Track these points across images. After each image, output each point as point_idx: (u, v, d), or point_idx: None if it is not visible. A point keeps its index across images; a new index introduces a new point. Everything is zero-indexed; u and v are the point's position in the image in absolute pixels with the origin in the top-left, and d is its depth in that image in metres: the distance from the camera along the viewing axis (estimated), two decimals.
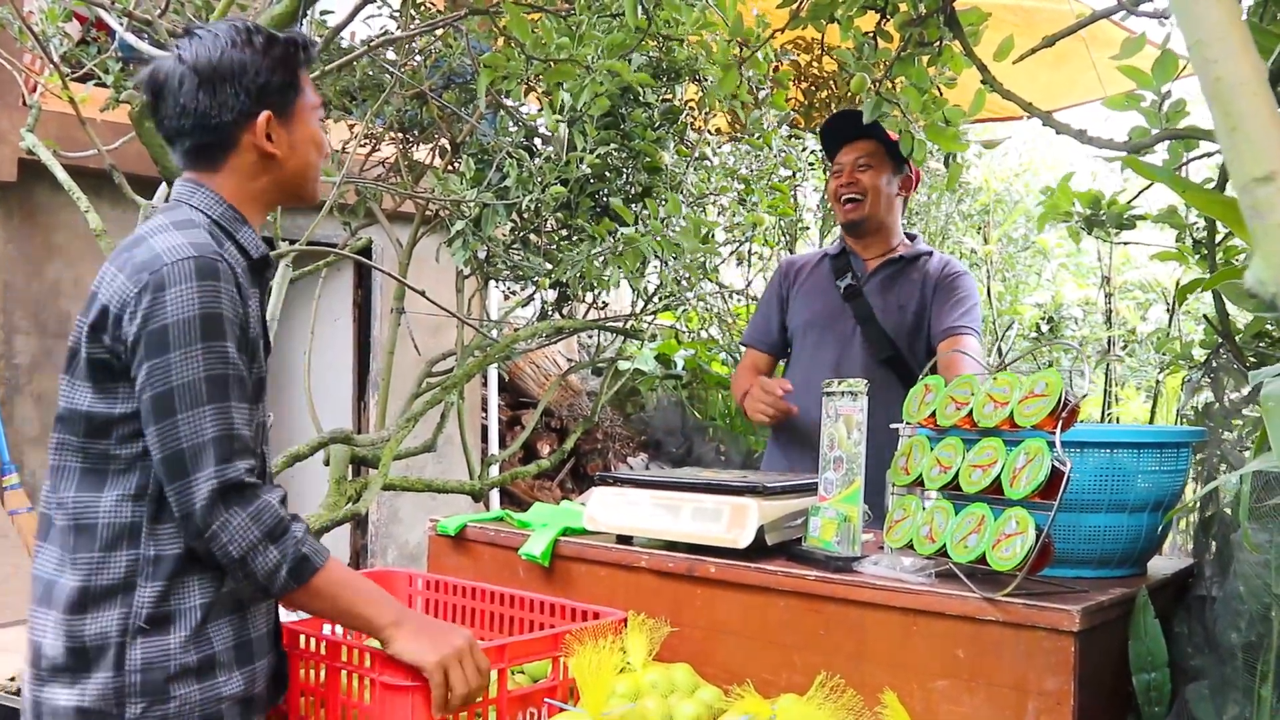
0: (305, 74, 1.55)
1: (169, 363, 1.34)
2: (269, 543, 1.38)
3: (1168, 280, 4.40)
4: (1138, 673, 1.51)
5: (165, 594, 1.39)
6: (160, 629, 1.39)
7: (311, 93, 1.56)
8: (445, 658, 1.44)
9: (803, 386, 2.61)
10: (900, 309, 2.61)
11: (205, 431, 1.35)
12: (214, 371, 1.36)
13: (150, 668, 1.38)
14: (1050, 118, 2.02)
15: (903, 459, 1.67)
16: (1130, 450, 1.60)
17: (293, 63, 1.51)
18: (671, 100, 3.26)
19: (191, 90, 1.45)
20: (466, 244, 3.03)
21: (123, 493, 1.40)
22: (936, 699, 1.48)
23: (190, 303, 1.35)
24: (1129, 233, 2.37)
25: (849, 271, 2.68)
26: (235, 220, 1.50)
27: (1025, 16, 4.24)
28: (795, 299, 2.76)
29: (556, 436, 5.98)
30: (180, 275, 1.35)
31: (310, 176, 1.57)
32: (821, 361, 2.63)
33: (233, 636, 1.45)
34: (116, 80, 3.02)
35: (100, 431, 1.41)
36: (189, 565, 1.41)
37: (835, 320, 2.66)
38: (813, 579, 1.61)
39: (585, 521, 1.92)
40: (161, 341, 1.34)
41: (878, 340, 2.58)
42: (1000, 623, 1.43)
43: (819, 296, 2.70)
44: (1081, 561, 1.62)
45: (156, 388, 1.35)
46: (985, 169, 6.08)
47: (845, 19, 2.20)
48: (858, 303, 2.63)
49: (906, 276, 2.65)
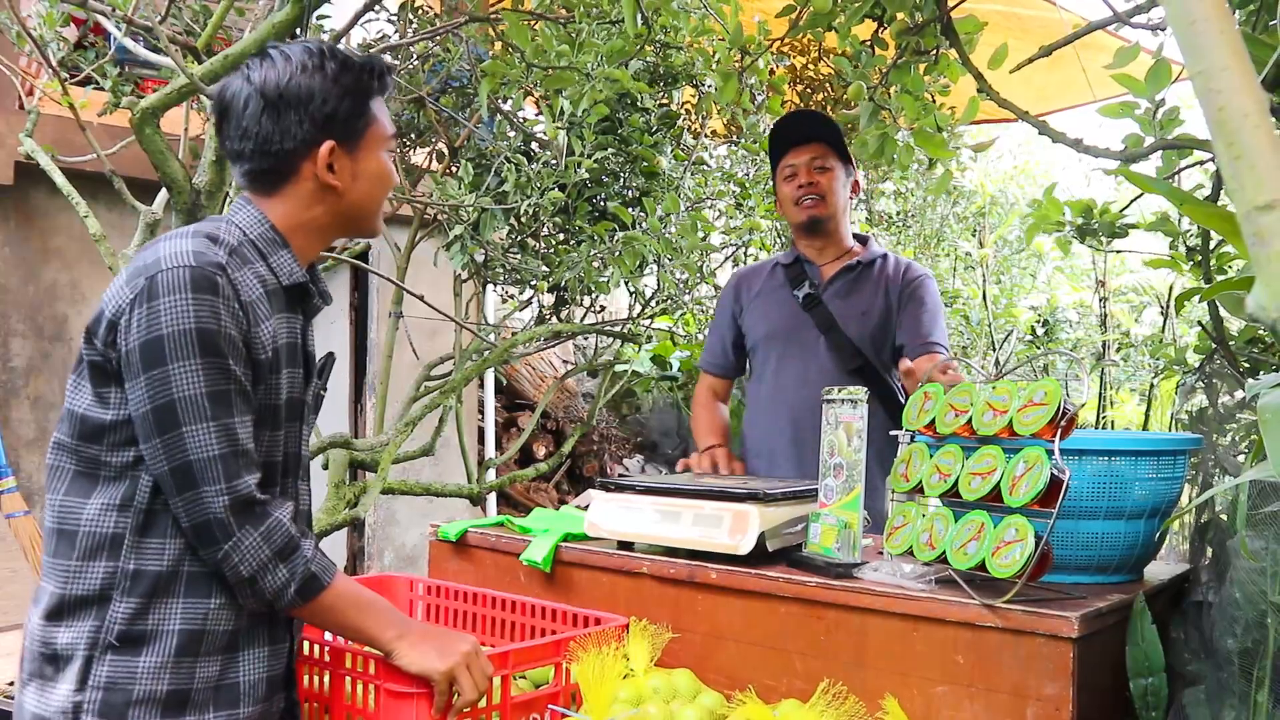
0: (379, 103, 1.50)
1: (168, 375, 1.31)
2: (279, 562, 1.37)
3: (1161, 285, 4.43)
4: (1135, 678, 1.52)
5: (141, 612, 1.34)
6: (131, 648, 1.34)
7: (384, 123, 1.50)
8: (452, 666, 1.44)
9: (769, 402, 2.56)
10: (863, 315, 2.52)
11: (212, 446, 1.32)
12: (217, 387, 1.33)
13: (113, 687, 1.33)
14: (1046, 126, 2.04)
15: (902, 466, 1.68)
16: (1128, 458, 1.61)
17: (365, 91, 1.47)
18: (669, 105, 3.28)
19: (255, 114, 1.42)
20: (464, 248, 3.04)
21: (108, 501, 1.36)
22: (937, 704, 1.50)
23: (185, 315, 1.31)
24: (1121, 240, 2.39)
25: (805, 279, 2.58)
26: (273, 243, 1.45)
27: (1018, 22, 4.26)
28: (750, 313, 2.65)
29: (552, 438, 5.99)
30: (174, 285, 1.31)
31: (371, 211, 1.52)
32: (788, 374, 2.55)
33: (216, 675, 1.39)
34: (114, 84, 3.03)
35: (93, 436, 1.37)
36: (170, 585, 1.36)
37: (797, 331, 2.56)
38: (814, 585, 1.62)
39: (586, 528, 1.93)
40: (158, 353, 1.31)
41: (844, 349, 2.50)
42: (1000, 629, 1.44)
43: (776, 308, 2.60)
44: (1079, 568, 1.63)
45: (158, 400, 1.31)
46: (981, 172, 6.10)
47: (843, 27, 2.22)
48: (818, 311, 2.54)
49: (865, 281, 2.56)
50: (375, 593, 1.53)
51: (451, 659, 1.44)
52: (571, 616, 1.81)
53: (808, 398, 2.41)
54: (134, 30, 2.57)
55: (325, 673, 1.62)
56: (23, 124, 3.21)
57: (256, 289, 1.40)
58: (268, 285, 1.43)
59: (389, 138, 1.52)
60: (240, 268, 1.39)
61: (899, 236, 6.02)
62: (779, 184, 2.61)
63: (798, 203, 2.54)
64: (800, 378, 2.50)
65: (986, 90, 2.09)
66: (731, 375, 2.74)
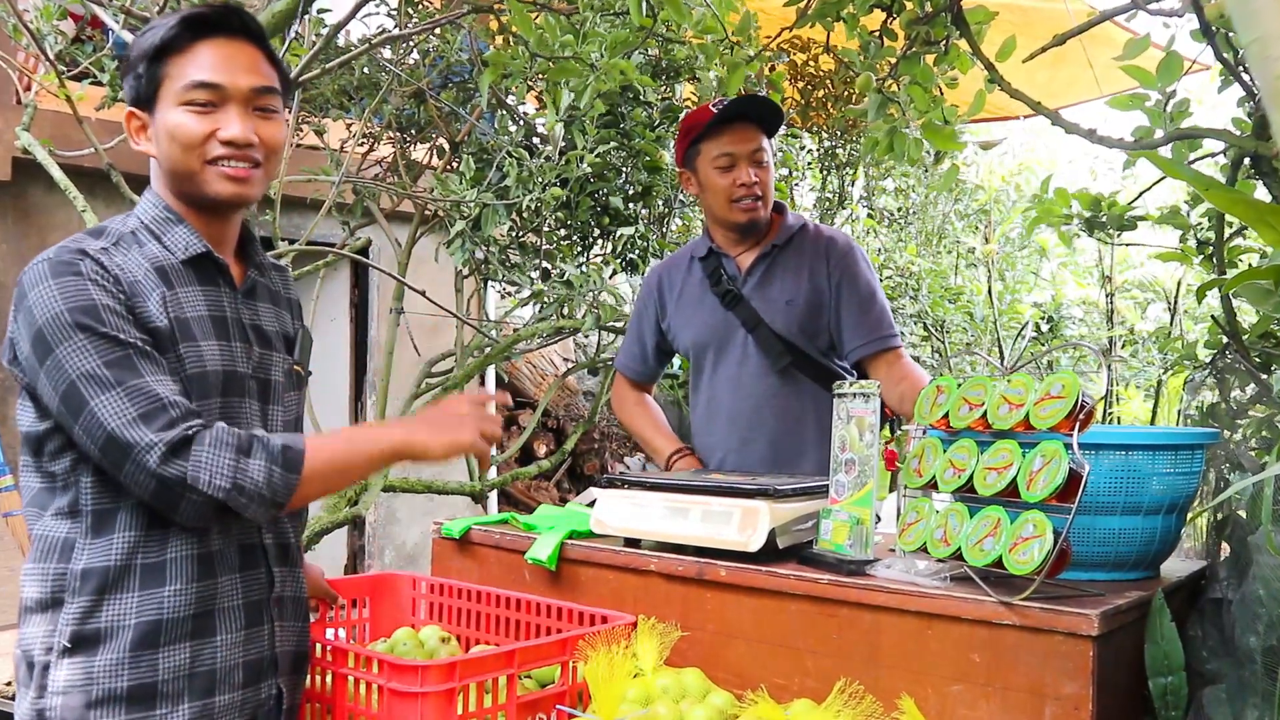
0: (183, 56, 1.38)
1: (59, 360, 1.29)
2: (245, 456, 1.31)
3: (1167, 279, 4.40)
4: (1154, 676, 1.49)
5: (92, 610, 1.32)
6: (86, 649, 1.32)
7: (183, 74, 1.37)
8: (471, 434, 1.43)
9: (707, 411, 2.40)
10: (788, 304, 2.32)
11: (127, 410, 1.28)
12: (111, 355, 1.29)
13: (71, 690, 1.30)
14: (1059, 117, 2.02)
15: (915, 460, 1.65)
16: (1145, 452, 1.58)
17: (161, 47, 1.38)
18: (671, 99, 3.24)
19: None
20: (466, 244, 3.01)
21: (58, 510, 1.36)
22: (952, 703, 1.47)
23: (53, 300, 1.30)
24: (1129, 233, 2.36)
25: (722, 275, 2.38)
26: (166, 222, 1.43)
27: (1023, 15, 4.23)
28: (674, 317, 2.45)
29: (553, 436, 5.96)
30: (35, 280, 1.32)
31: (181, 171, 1.40)
32: (720, 382, 2.37)
33: (188, 663, 1.35)
34: (112, 78, 3.00)
35: (37, 450, 1.38)
36: (122, 579, 1.33)
37: (721, 333, 2.37)
38: (826, 583, 1.59)
39: (592, 525, 1.90)
40: (43, 343, 1.30)
41: (772, 347, 2.31)
42: (1017, 627, 1.41)
43: (697, 310, 2.40)
44: (1095, 564, 1.60)
45: (60, 385, 1.29)
46: (986, 169, 6.08)
47: (851, 17, 2.19)
48: (741, 308, 2.34)
49: (784, 265, 2.35)
50: (371, 592, 1.50)
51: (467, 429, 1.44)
52: (577, 615, 1.78)
53: (743, 401, 2.34)
54: (131, 22, 2.54)
55: (327, 672, 1.59)
56: (20, 119, 3.18)
57: (142, 267, 1.37)
58: (162, 262, 1.40)
59: (186, 87, 1.37)
60: (125, 252, 1.38)
61: (900, 233, 5.99)
62: (706, 170, 2.31)
63: (736, 201, 2.30)
64: (733, 383, 2.36)
65: (998, 80, 2.06)
66: (653, 380, 2.59)
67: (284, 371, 1.54)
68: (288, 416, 1.54)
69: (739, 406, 2.35)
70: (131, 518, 1.35)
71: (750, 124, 2.30)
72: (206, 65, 1.38)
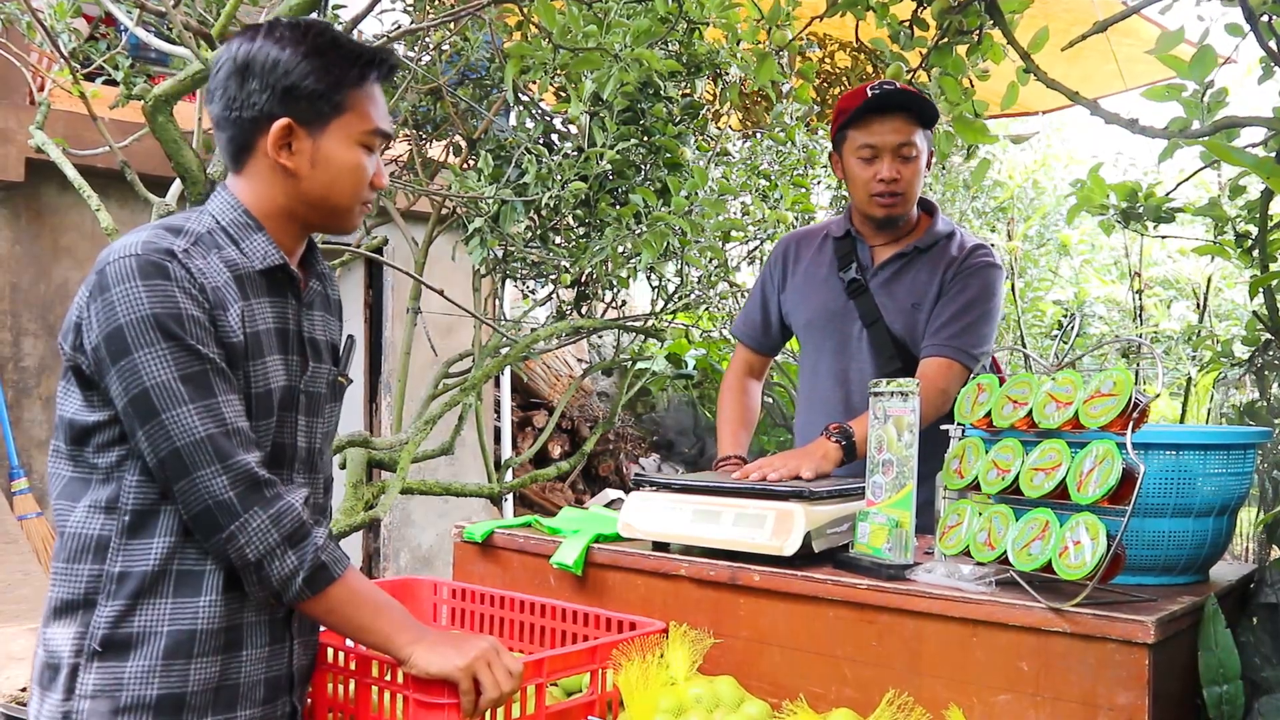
0: (366, 93, 1.41)
1: (135, 364, 1.27)
2: (288, 547, 1.31)
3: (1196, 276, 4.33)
4: (1208, 685, 1.44)
5: (126, 614, 1.30)
6: (117, 654, 1.29)
7: (366, 114, 1.41)
8: (472, 662, 1.35)
9: (808, 400, 2.33)
10: (913, 308, 2.21)
11: (196, 429, 1.27)
12: (189, 369, 1.28)
13: (99, 695, 1.29)
14: (1098, 107, 1.96)
15: (955, 461, 1.60)
16: (1196, 451, 1.52)
17: (341, 74, 1.38)
18: (692, 95, 3.19)
19: (224, 78, 1.38)
20: (484, 242, 2.96)
21: (93, 503, 1.33)
22: (999, 713, 1.41)
23: (139, 302, 1.27)
24: (1164, 227, 2.30)
25: (853, 261, 2.27)
26: (246, 227, 1.40)
27: (1041, 8, 4.19)
28: (791, 291, 2.36)
29: (567, 438, 5.92)
30: (122, 275, 1.28)
31: (337, 205, 1.43)
32: (825, 372, 2.29)
33: (217, 677, 1.33)
34: (126, 76, 2.96)
35: (81, 439, 1.34)
36: (158, 584, 1.31)
37: (837, 321, 2.27)
38: (864, 588, 1.53)
39: (620, 528, 1.84)
40: (121, 343, 1.27)
41: (884, 348, 2.21)
42: (1068, 634, 1.36)
43: (819, 290, 2.30)
44: (1144, 568, 1.55)
45: (131, 390, 1.27)
46: (1009, 165, 6.00)
47: (882, 6, 2.14)
48: (863, 300, 2.24)
49: (921, 267, 2.23)
50: (392, 596, 1.44)
51: (470, 655, 1.36)
52: (605, 621, 1.73)
53: (844, 399, 2.26)
54: (146, 19, 2.50)
55: (350, 681, 1.55)
56: (33, 119, 3.15)
57: (223, 274, 1.35)
58: (240, 270, 1.37)
59: (369, 132, 1.42)
60: (205, 254, 1.35)
61: None
62: (850, 159, 2.20)
63: (876, 196, 2.18)
64: (838, 377, 2.26)
65: (1033, 70, 2.01)
66: (770, 353, 2.46)
67: (328, 383, 1.53)
68: (326, 428, 1.53)
69: (838, 400, 2.26)
70: (171, 521, 1.33)
71: (901, 115, 2.15)
72: (384, 112, 1.46)
